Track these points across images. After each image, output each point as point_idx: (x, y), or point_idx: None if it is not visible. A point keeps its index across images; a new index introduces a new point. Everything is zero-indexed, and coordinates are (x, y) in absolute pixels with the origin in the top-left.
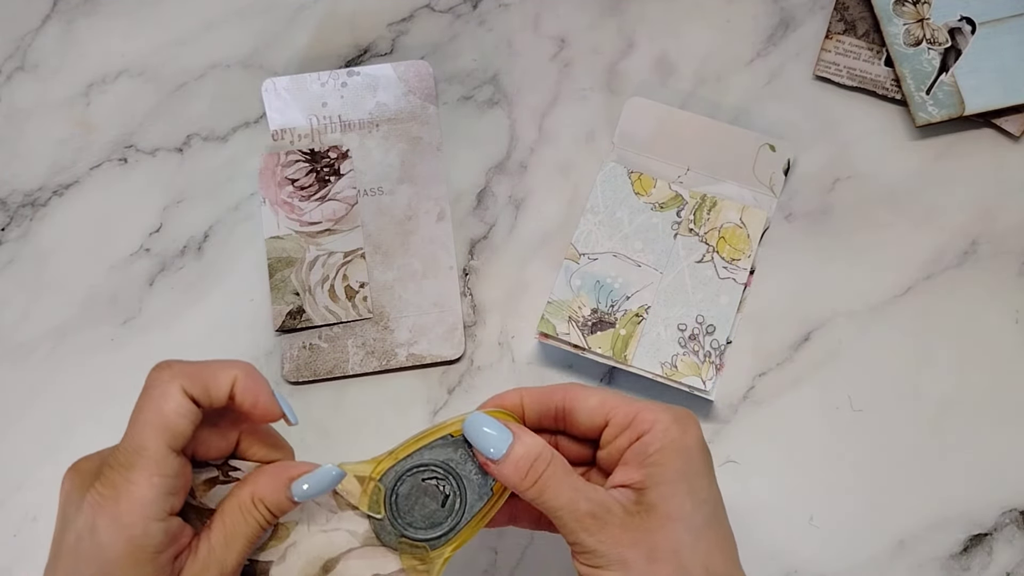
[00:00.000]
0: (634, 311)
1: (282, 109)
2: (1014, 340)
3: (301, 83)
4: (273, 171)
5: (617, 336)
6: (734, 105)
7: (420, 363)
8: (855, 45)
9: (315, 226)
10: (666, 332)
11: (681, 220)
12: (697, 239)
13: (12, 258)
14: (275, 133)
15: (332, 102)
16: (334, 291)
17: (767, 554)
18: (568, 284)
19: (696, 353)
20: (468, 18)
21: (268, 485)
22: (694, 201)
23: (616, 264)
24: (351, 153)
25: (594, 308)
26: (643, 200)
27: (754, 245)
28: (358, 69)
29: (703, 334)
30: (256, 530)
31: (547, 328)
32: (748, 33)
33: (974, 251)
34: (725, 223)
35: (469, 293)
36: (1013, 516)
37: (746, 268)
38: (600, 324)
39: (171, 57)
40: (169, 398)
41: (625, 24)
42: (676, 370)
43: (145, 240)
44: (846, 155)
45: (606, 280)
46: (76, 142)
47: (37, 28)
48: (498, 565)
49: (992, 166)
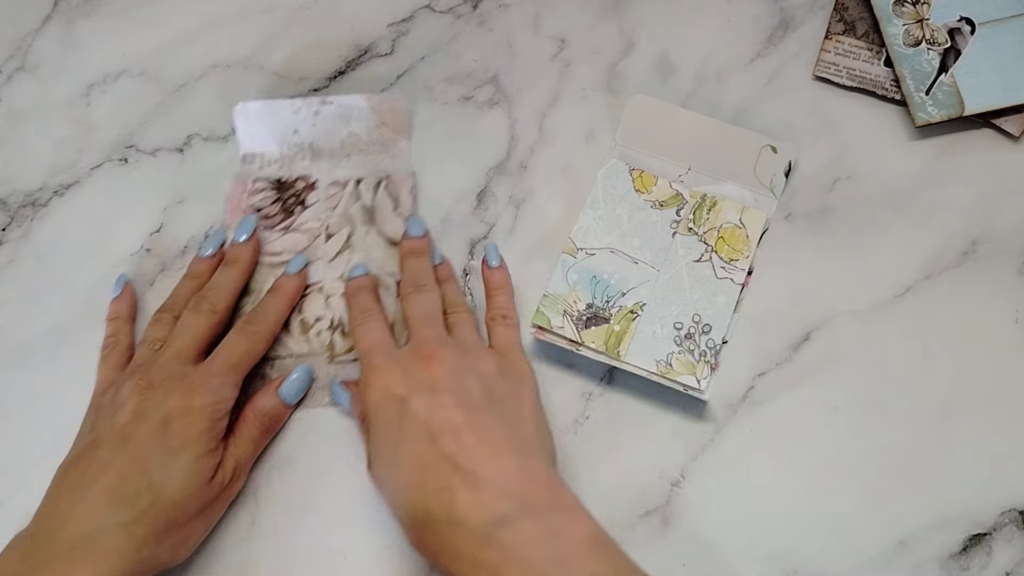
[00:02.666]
0: (629, 307)
1: (253, 134)
2: (1014, 340)
3: (274, 109)
4: (239, 199)
5: (611, 332)
6: (734, 105)
7: None
8: (855, 45)
9: (276, 257)
10: (662, 330)
11: (680, 219)
12: (696, 238)
13: (12, 258)
14: (245, 157)
15: (304, 130)
16: (289, 324)
17: (767, 554)
18: (565, 278)
19: (692, 352)
20: (468, 18)
21: (261, 396)
22: (694, 200)
23: (613, 260)
24: (318, 184)
25: (589, 303)
26: (643, 198)
27: (753, 246)
28: (332, 99)
29: (699, 333)
30: (256, 435)
31: (542, 321)
32: (748, 33)
33: (974, 251)
34: (724, 223)
35: (469, 293)
36: (1012, 516)
37: (744, 269)
38: (595, 319)
39: (171, 57)
40: (263, 341)
41: (625, 24)
42: (671, 368)
43: (145, 240)
44: (846, 155)
45: (603, 275)
46: (76, 142)
47: (38, 28)
48: None
49: (992, 166)
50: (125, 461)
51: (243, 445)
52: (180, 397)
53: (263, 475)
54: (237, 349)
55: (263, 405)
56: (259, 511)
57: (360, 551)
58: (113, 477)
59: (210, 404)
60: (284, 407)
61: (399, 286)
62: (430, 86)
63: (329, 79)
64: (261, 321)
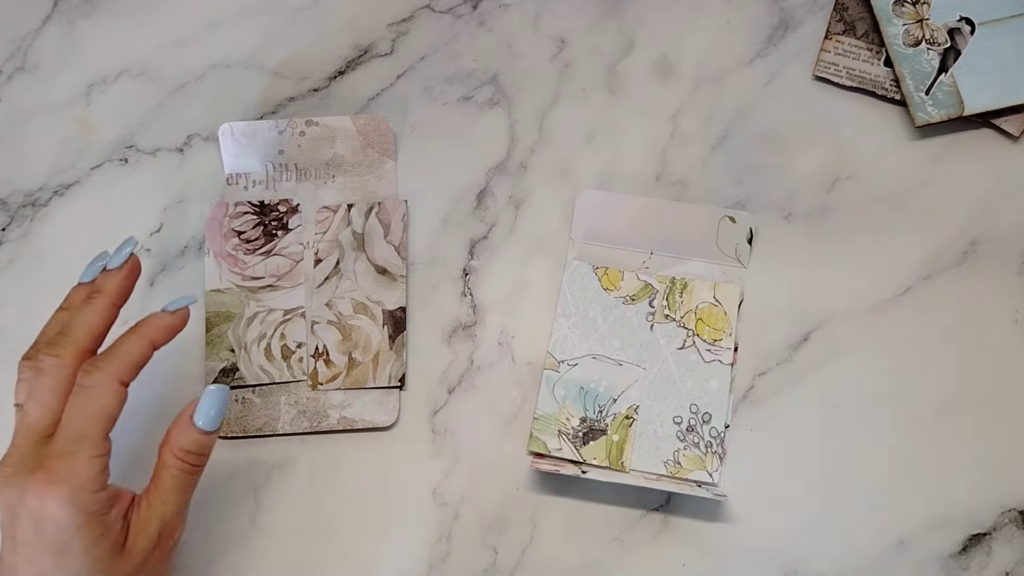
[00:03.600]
0: (623, 413)
1: (238, 154)
2: (1014, 340)
3: (258, 129)
4: (221, 222)
5: (611, 443)
6: (734, 105)
7: (351, 427)
8: (855, 45)
9: (257, 281)
10: (663, 428)
11: (655, 310)
12: (675, 324)
13: (12, 258)
14: (229, 177)
15: (289, 150)
16: (270, 350)
17: (767, 554)
18: (552, 395)
19: (697, 445)
20: (468, 18)
21: (177, 432)
22: (664, 286)
23: (597, 366)
24: (301, 207)
25: (582, 417)
26: (613, 295)
27: (733, 321)
28: (317, 119)
29: (700, 423)
30: (182, 479)
31: (537, 446)
32: (748, 33)
33: (974, 251)
34: (700, 303)
35: (469, 293)
36: (1012, 516)
37: (729, 347)
38: (591, 433)
39: (171, 57)
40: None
41: (625, 24)
42: (680, 467)
43: (145, 240)
44: (846, 155)
45: (590, 385)
46: (76, 142)
47: (38, 28)
48: (498, 565)
49: (992, 166)
50: (24, 567)
51: (168, 497)
52: (34, 496)
53: (263, 475)
54: (79, 415)
55: (182, 442)
56: (259, 511)
57: (360, 551)
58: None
59: (69, 493)
60: (206, 436)
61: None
62: (430, 86)
63: (329, 79)
64: (105, 375)
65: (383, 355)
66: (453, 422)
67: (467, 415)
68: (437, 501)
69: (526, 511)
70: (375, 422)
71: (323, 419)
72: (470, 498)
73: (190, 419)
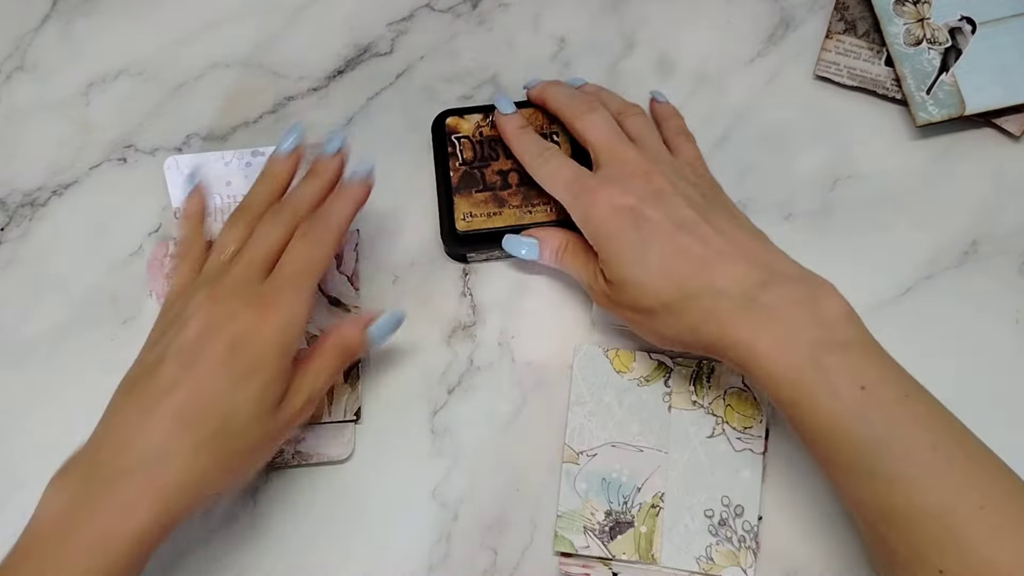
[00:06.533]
0: (649, 502)
1: (185, 187)
2: (1014, 340)
3: (205, 161)
4: (161, 262)
5: (639, 535)
6: (734, 105)
7: (306, 462)
8: (855, 45)
9: None
10: (694, 522)
11: (671, 390)
12: (703, 411)
13: (12, 258)
14: (177, 211)
15: (236, 181)
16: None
17: (767, 554)
18: (574, 490)
19: (730, 540)
20: (468, 18)
21: (348, 328)
22: (688, 369)
23: (618, 455)
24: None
25: (607, 510)
26: (626, 378)
27: (764, 408)
28: (263, 149)
29: (732, 516)
30: (334, 367)
31: (563, 546)
32: (748, 33)
33: (974, 251)
34: (728, 388)
35: (469, 293)
36: None
37: (760, 435)
38: (618, 527)
39: (170, 57)
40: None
41: (625, 24)
42: (713, 563)
43: (145, 240)
44: (846, 155)
45: (611, 475)
46: (76, 142)
47: (37, 28)
48: (498, 565)
49: (992, 166)
50: (192, 383)
51: (319, 377)
52: (250, 315)
53: (262, 476)
54: (302, 256)
55: (348, 336)
56: (259, 511)
57: (360, 551)
58: (179, 399)
59: (283, 323)
60: (364, 347)
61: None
62: (430, 85)
63: (329, 78)
64: (324, 227)
65: (338, 389)
66: (453, 422)
67: (467, 415)
68: (437, 502)
69: (526, 511)
70: (330, 456)
71: (278, 454)
72: (470, 498)
73: (366, 325)
